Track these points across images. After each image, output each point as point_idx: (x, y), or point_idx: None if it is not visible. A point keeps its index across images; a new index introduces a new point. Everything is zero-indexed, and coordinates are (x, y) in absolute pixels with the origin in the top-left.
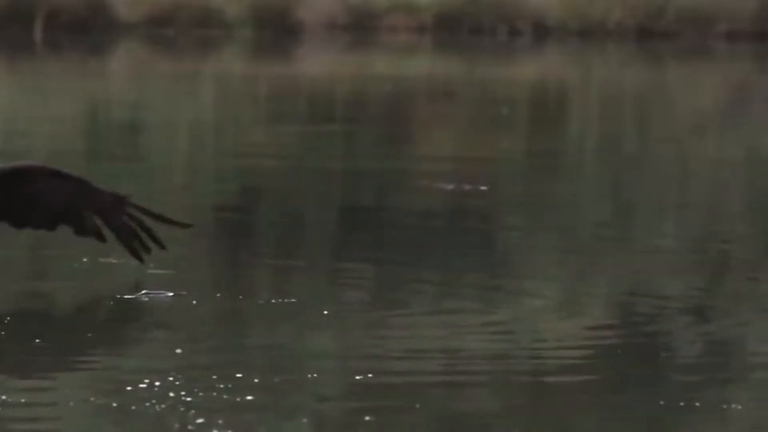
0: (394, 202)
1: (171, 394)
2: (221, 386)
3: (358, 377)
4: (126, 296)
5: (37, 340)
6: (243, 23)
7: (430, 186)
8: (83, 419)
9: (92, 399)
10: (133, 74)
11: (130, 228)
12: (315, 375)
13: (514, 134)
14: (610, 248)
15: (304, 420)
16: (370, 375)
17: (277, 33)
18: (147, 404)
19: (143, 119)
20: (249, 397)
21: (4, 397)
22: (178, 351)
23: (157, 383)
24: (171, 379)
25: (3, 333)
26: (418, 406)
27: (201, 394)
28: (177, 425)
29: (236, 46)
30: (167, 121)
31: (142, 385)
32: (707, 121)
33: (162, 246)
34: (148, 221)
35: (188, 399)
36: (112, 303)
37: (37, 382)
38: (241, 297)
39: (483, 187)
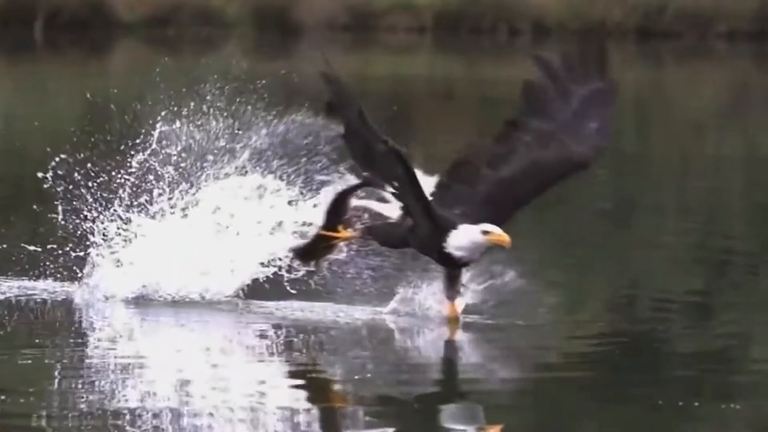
0: None
1: (168, 395)
2: (218, 386)
3: (357, 377)
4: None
5: (37, 340)
6: (243, 23)
7: None
8: (84, 418)
9: (91, 398)
10: (133, 74)
11: None
12: (314, 374)
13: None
14: (610, 246)
15: (303, 420)
16: (368, 375)
17: (277, 33)
18: (143, 404)
19: (143, 118)
20: (247, 397)
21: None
22: (179, 351)
23: (154, 383)
24: (167, 378)
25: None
26: (417, 406)
27: (201, 395)
28: (171, 428)
29: (236, 46)
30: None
31: (142, 386)
32: (707, 120)
33: None
34: None
35: (186, 399)
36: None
37: (36, 385)
38: (239, 297)
39: None
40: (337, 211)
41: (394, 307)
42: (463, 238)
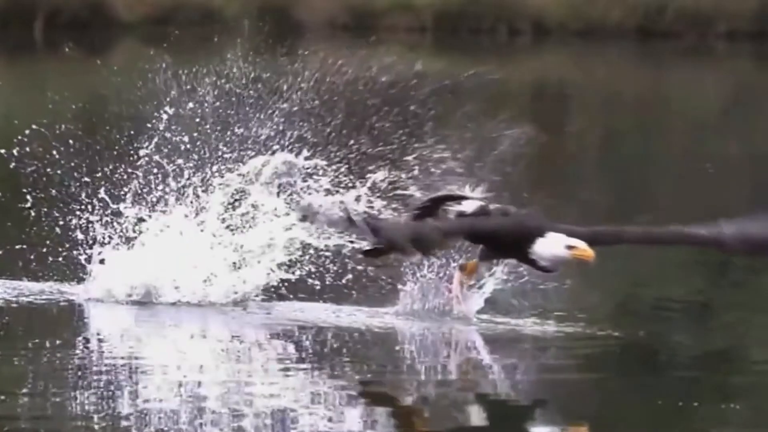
0: None
1: (168, 397)
2: (219, 388)
3: (358, 377)
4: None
5: (37, 340)
6: (243, 22)
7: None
8: (84, 420)
9: (92, 400)
10: (133, 72)
11: None
12: (321, 378)
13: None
14: (610, 247)
15: (309, 421)
16: (370, 375)
17: (278, 32)
18: (143, 406)
19: (145, 117)
20: (249, 399)
21: (3, 397)
22: (180, 352)
23: (155, 385)
24: (168, 380)
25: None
26: (421, 407)
27: (202, 397)
28: (172, 430)
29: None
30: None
31: (142, 388)
32: (707, 119)
33: None
34: None
35: (187, 401)
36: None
37: (36, 387)
38: (243, 300)
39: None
40: (427, 208)
41: (400, 307)
42: (548, 248)
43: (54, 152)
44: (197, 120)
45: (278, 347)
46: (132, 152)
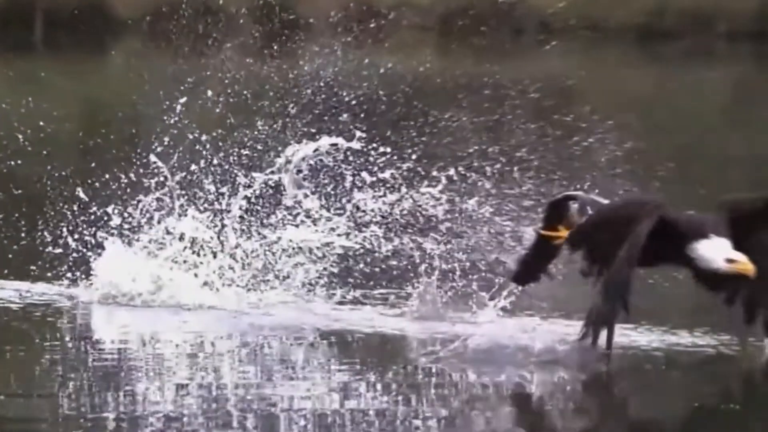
0: None
1: (169, 399)
2: (219, 390)
3: (373, 375)
4: None
5: (37, 341)
6: (244, 20)
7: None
8: (85, 421)
9: (92, 402)
10: (133, 71)
11: None
12: (326, 380)
13: (517, 133)
14: None
15: (313, 424)
16: (373, 376)
17: (280, 30)
18: (144, 408)
19: (145, 116)
20: (253, 402)
21: None
22: (187, 352)
23: (156, 387)
24: (169, 382)
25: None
26: (429, 408)
27: (202, 399)
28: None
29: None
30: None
31: (143, 390)
32: (707, 120)
33: None
34: None
35: (188, 403)
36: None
37: (37, 388)
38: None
39: (487, 186)
40: (555, 211)
41: (411, 309)
42: (710, 252)
43: (56, 152)
44: (214, 112)
45: (281, 348)
46: (139, 151)
